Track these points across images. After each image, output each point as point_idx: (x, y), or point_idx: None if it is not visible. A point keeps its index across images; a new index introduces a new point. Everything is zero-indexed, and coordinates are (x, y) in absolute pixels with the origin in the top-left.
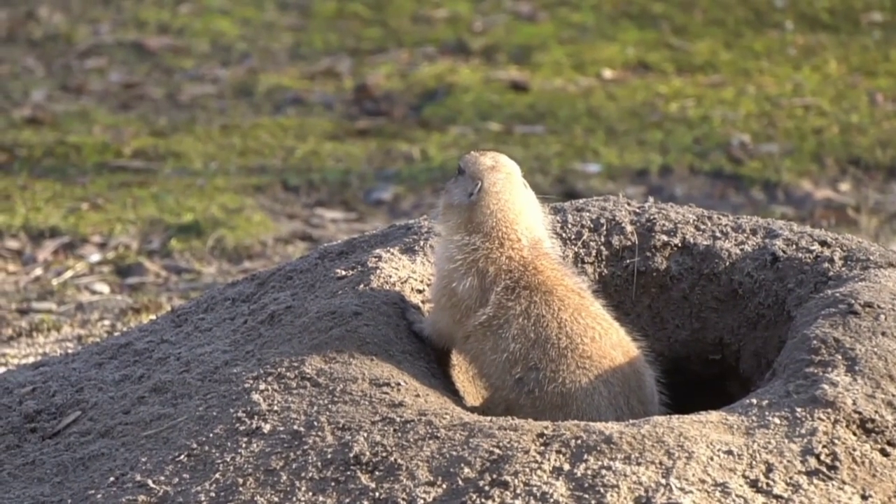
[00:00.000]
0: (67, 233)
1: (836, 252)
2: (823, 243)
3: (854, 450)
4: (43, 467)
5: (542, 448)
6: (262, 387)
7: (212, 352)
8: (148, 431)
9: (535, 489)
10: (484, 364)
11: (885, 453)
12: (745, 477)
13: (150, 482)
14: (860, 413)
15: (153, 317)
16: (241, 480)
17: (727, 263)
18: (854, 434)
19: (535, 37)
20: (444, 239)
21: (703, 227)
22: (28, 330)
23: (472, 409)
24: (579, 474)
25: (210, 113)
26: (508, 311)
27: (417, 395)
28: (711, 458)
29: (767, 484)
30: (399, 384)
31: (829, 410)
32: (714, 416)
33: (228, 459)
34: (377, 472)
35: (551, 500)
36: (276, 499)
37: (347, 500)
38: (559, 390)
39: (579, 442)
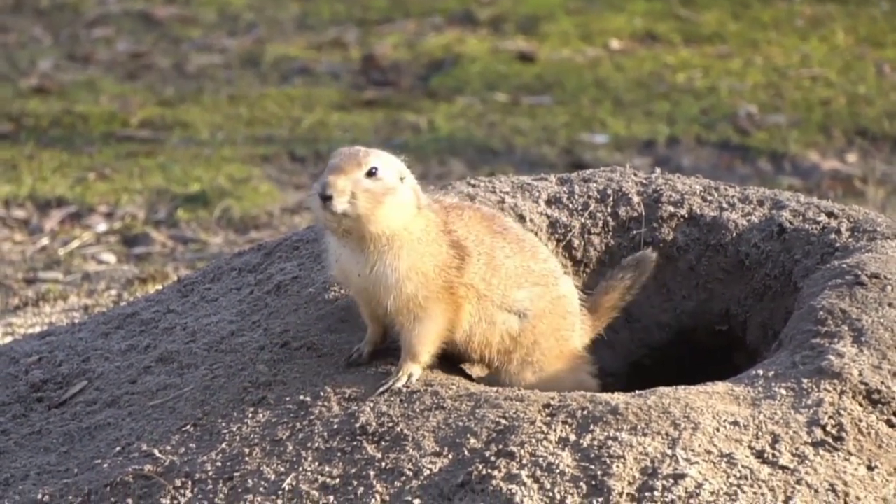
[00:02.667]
0: (74, 202)
1: (843, 223)
2: (830, 214)
3: (860, 421)
4: (49, 437)
5: (549, 419)
6: (268, 357)
7: (218, 322)
8: (154, 401)
9: (541, 460)
10: (492, 303)
11: (891, 424)
12: (751, 448)
13: (156, 452)
14: (866, 384)
15: (160, 287)
16: (247, 450)
17: (734, 234)
18: (860, 405)
19: (542, 7)
20: (407, 234)
21: (709, 198)
22: (35, 299)
23: (478, 380)
24: (585, 445)
25: (217, 83)
26: (481, 245)
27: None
28: (717, 429)
29: (773, 455)
30: None
31: (836, 381)
32: (720, 386)
33: (235, 429)
34: (383, 443)
35: (557, 471)
36: (282, 469)
37: (353, 470)
38: (560, 293)
39: (585, 413)
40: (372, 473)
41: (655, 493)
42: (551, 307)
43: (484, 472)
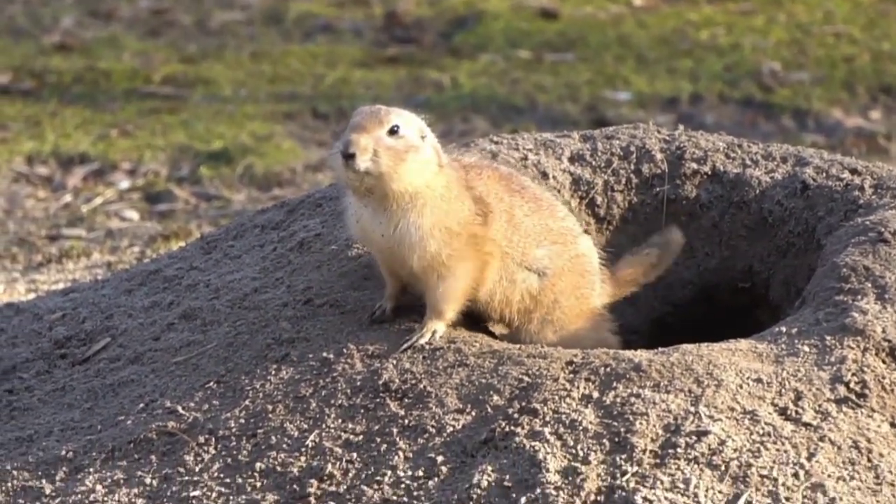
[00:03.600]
0: (97, 159)
1: (867, 180)
2: (854, 171)
3: (883, 378)
4: (73, 393)
5: (572, 376)
6: (291, 314)
7: (241, 279)
8: (177, 358)
9: (564, 417)
10: (513, 261)
11: None
12: (774, 405)
13: (179, 408)
14: (890, 341)
15: (182, 243)
16: (270, 407)
17: (757, 191)
18: (883, 362)
19: None
20: (430, 191)
21: (733, 155)
22: (58, 256)
23: (501, 338)
24: (608, 402)
25: (240, 40)
26: (501, 202)
27: None
28: (741, 386)
29: (797, 412)
30: None
31: (859, 338)
32: (743, 344)
33: (258, 386)
34: (406, 400)
35: (580, 428)
36: (305, 425)
37: (377, 427)
38: (578, 251)
39: (608, 370)
40: (395, 430)
41: (678, 450)
42: (570, 265)
43: (507, 429)
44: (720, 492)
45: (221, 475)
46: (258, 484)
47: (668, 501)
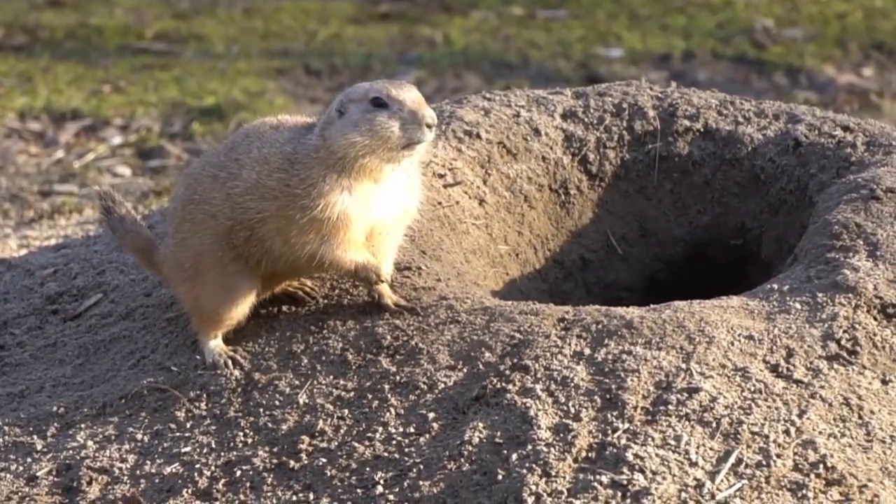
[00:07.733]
0: (89, 115)
1: (859, 137)
2: (846, 128)
3: (875, 335)
4: (64, 349)
5: (563, 332)
6: None
7: None
8: (169, 314)
9: (555, 373)
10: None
11: None
12: (765, 362)
13: (171, 365)
14: (881, 298)
15: None
16: (262, 363)
17: (749, 148)
18: (875, 319)
19: None
20: (413, 166)
21: (725, 112)
22: (50, 212)
23: (494, 295)
24: (600, 359)
25: None
26: None
27: (439, 280)
28: (732, 343)
29: (788, 369)
30: (420, 268)
31: (850, 295)
32: (735, 301)
33: (250, 343)
34: (398, 356)
35: (572, 385)
36: (297, 382)
37: (368, 384)
38: None
39: (600, 327)
40: (387, 387)
41: (670, 407)
42: None
43: (498, 385)
44: (711, 448)
45: (212, 431)
46: (249, 440)
47: (659, 458)
